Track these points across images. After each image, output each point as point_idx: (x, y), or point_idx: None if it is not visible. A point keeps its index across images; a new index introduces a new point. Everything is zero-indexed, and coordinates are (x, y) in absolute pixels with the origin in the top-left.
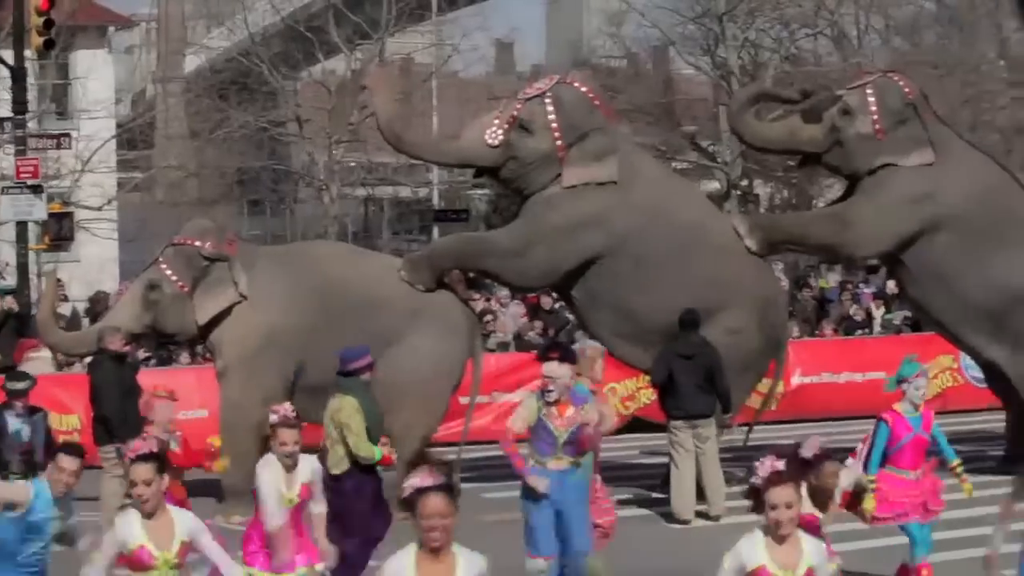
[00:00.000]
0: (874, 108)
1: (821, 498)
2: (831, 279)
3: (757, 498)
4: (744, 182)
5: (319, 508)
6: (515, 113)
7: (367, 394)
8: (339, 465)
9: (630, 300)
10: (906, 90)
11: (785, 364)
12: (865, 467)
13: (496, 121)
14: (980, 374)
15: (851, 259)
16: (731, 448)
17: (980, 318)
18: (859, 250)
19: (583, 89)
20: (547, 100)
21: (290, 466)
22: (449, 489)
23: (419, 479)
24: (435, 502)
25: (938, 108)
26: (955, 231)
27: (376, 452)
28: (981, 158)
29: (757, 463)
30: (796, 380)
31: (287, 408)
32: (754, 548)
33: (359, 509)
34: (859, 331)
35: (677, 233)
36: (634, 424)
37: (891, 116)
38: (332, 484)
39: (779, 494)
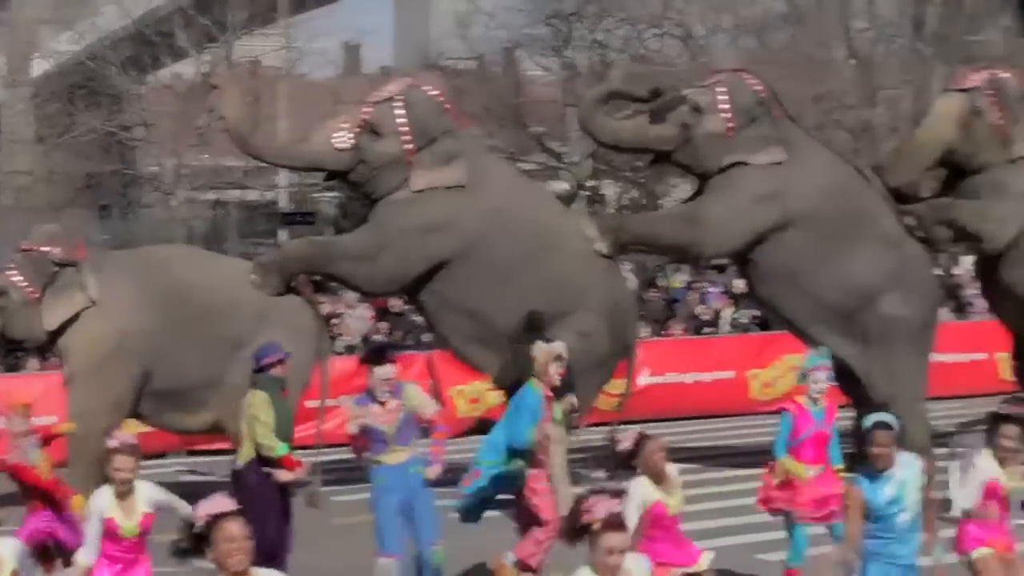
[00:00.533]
0: (725, 106)
1: (653, 476)
2: (679, 279)
3: (579, 533)
4: (592, 182)
5: None
6: (365, 116)
7: (278, 390)
8: (244, 458)
9: (479, 304)
10: (757, 88)
11: (635, 365)
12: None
13: (345, 125)
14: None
15: (701, 258)
16: (584, 448)
17: (830, 316)
18: (709, 249)
19: (433, 92)
20: (397, 103)
21: (124, 492)
22: (241, 513)
23: (211, 506)
24: (231, 527)
25: (787, 107)
26: (805, 229)
27: (279, 447)
28: (831, 156)
29: (589, 501)
30: (644, 380)
31: (126, 435)
32: None
33: (266, 498)
34: (707, 330)
35: (526, 236)
36: (480, 426)
37: (741, 114)
38: (236, 480)
39: (615, 540)
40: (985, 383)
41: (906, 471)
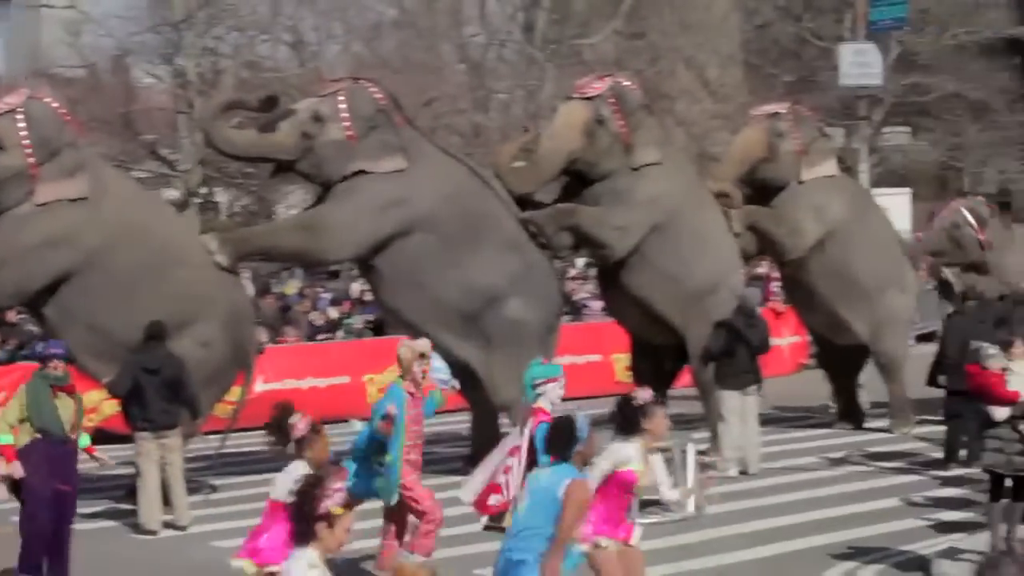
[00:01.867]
0: (345, 115)
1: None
2: (293, 285)
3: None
4: (204, 190)
5: None
6: None
7: (47, 386)
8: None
9: (103, 317)
10: (377, 96)
11: (253, 373)
12: (531, 467)
13: None
14: (444, 376)
15: (323, 264)
16: (202, 457)
17: (453, 319)
18: (331, 255)
19: (54, 104)
20: (18, 116)
21: None
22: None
23: None
24: None
25: (407, 114)
26: (428, 234)
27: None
28: (452, 162)
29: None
30: (259, 387)
31: None
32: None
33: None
34: (322, 336)
35: (148, 248)
36: (98, 436)
37: (362, 122)
38: None
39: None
40: (601, 384)
41: None
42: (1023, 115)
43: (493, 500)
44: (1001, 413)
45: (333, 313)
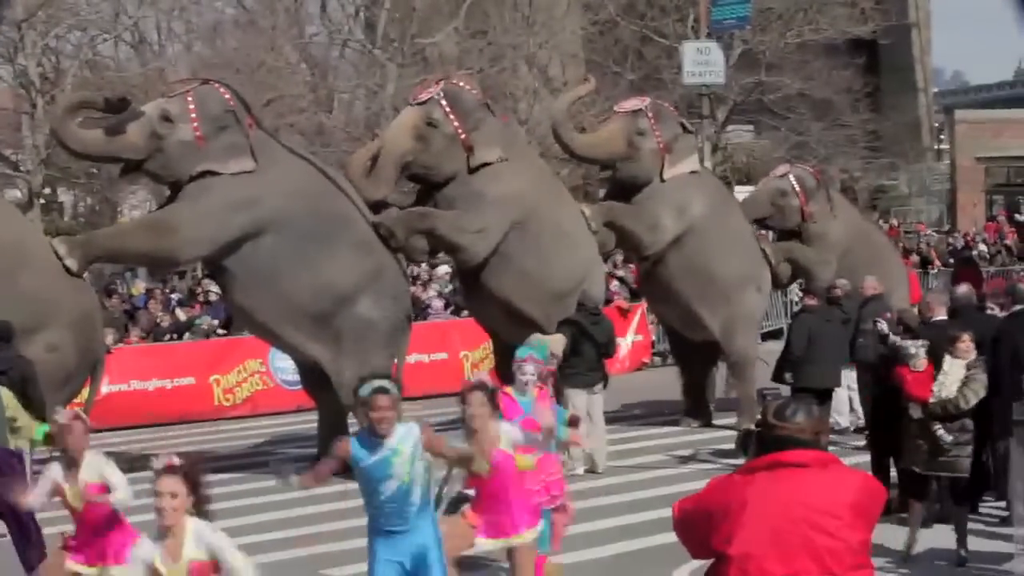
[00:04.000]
0: (194, 115)
1: None
2: (139, 286)
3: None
4: (47, 190)
5: None
6: None
7: None
8: None
9: None
10: (226, 97)
11: (101, 375)
12: None
13: None
14: (290, 377)
15: (172, 265)
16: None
17: (304, 318)
18: (179, 255)
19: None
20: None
21: None
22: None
23: None
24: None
25: (256, 115)
26: (279, 235)
27: None
28: (302, 163)
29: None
30: (105, 388)
31: None
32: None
33: None
34: (168, 337)
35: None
36: None
37: (211, 123)
38: None
39: (164, 483)
40: (448, 382)
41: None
42: (866, 114)
43: None
44: (915, 412)
45: (181, 315)
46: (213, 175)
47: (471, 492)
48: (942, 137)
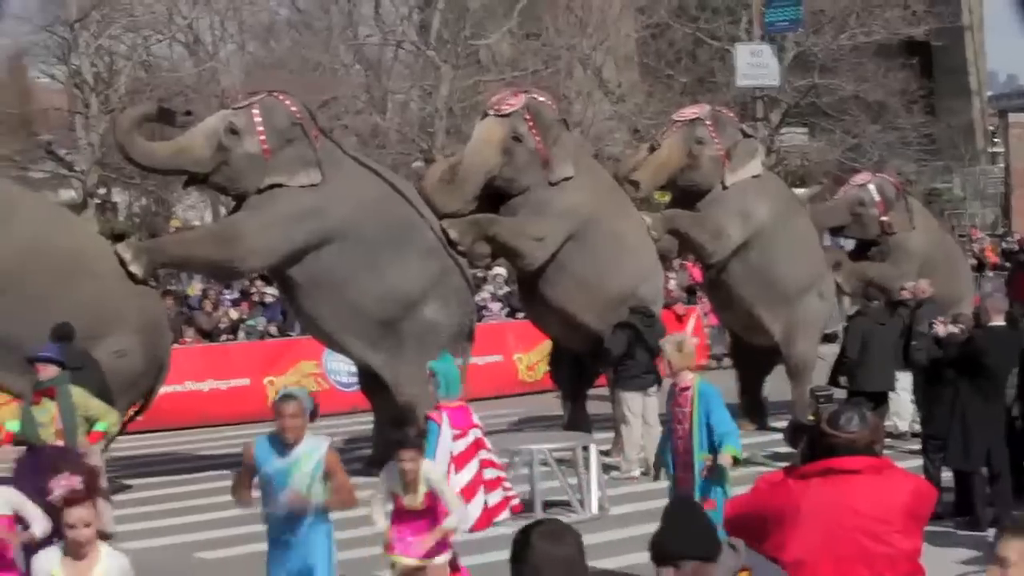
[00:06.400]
0: (260, 128)
1: None
2: (195, 286)
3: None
4: (102, 190)
5: None
6: None
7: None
8: None
9: (15, 330)
10: (293, 110)
11: (163, 380)
12: None
13: None
14: (345, 379)
15: (236, 274)
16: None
17: (371, 326)
18: (244, 265)
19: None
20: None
21: None
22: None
23: None
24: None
25: (321, 126)
26: (345, 244)
27: None
28: (366, 172)
29: (53, 481)
30: (161, 389)
31: None
32: (49, 564)
33: None
34: (223, 338)
35: (61, 263)
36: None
37: (278, 136)
38: None
39: (76, 514)
40: (503, 384)
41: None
42: (920, 117)
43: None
44: None
45: (234, 314)
46: (280, 187)
47: None
48: (996, 140)
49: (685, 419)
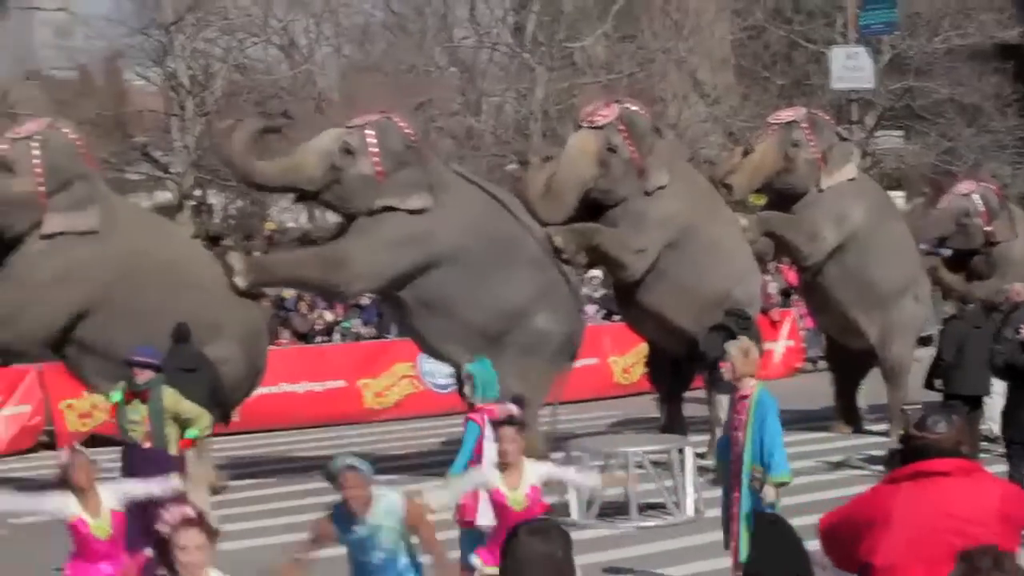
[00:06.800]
0: (375, 150)
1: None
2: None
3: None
4: (197, 192)
5: None
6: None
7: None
8: None
9: (117, 343)
10: (407, 132)
11: (257, 385)
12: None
13: None
14: (440, 380)
15: (341, 297)
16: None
17: (480, 340)
18: (350, 289)
19: (71, 135)
20: (35, 142)
21: None
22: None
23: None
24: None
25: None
26: (455, 265)
27: None
28: (473, 189)
29: (166, 511)
30: (256, 391)
31: None
32: None
33: None
34: (318, 339)
35: (162, 275)
36: (92, 441)
37: (392, 159)
38: None
39: (188, 536)
40: (598, 387)
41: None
42: (1015, 119)
43: None
44: None
45: (328, 315)
46: (391, 211)
47: None
48: None
49: (741, 427)
